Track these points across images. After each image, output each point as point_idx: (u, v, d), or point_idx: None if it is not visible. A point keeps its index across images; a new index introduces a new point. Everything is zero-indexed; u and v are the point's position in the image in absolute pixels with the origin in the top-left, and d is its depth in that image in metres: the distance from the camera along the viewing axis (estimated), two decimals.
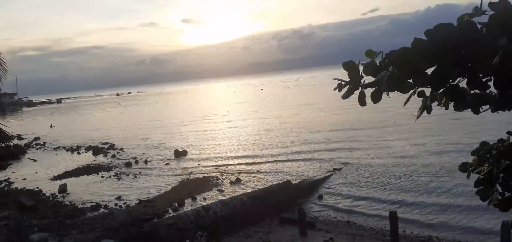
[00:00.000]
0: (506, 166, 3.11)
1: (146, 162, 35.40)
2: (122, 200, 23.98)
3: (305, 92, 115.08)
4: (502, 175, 3.15)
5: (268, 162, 30.95)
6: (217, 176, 27.89)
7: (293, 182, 22.29)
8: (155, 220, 17.96)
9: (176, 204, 21.87)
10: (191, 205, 21.57)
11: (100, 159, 39.09)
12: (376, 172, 25.02)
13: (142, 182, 28.68)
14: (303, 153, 32.46)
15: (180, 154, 36.99)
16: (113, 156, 39.98)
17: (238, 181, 26.31)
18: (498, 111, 3.54)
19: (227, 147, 39.33)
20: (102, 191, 26.68)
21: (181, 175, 29.48)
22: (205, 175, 28.56)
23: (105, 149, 43.64)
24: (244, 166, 30.27)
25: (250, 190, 22.14)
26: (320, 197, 21.62)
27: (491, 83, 1.95)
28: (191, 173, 29.68)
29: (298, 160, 30.51)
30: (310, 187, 22.80)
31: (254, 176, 27.34)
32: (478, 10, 2.14)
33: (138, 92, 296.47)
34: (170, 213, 20.07)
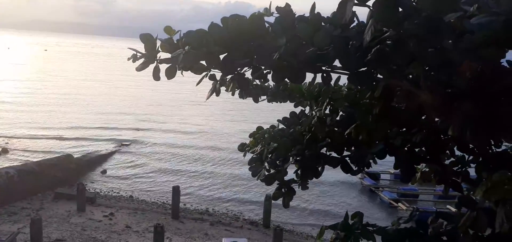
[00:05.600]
0: (274, 148, 3.64)
1: None
2: None
3: (99, 61, 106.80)
4: (270, 155, 3.67)
5: (47, 131, 27.58)
6: None
7: (75, 155, 20.58)
8: None
9: None
10: None
11: None
12: (164, 148, 25.56)
13: None
14: (89, 125, 30.22)
15: None
16: None
17: (4, 151, 22.55)
18: (273, 102, 4.12)
19: None
20: None
21: None
22: None
23: None
24: (14, 133, 26.13)
25: (20, 163, 19.28)
26: (104, 172, 20.71)
27: (270, 76, 2.22)
28: None
29: (83, 132, 28.26)
30: (94, 161, 21.55)
31: (28, 147, 23.93)
32: (267, 11, 2.42)
33: None
34: None
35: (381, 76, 2.03)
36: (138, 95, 46.36)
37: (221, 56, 2.04)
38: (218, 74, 2.35)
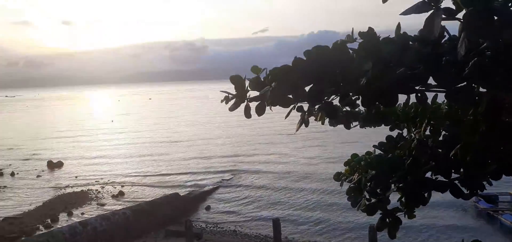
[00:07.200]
0: (372, 176, 3.48)
1: (13, 174, 31.45)
2: None
3: (196, 104, 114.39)
4: (369, 183, 3.51)
5: (155, 174, 30.00)
6: (97, 189, 26.07)
7: (181, 194, 21.95)
8: (22, 239, 16.04)
9: (49, 220, 19.84)
10: (67, 221, 19.77)
11: None
12: (262, 181, 26.03)
13: (7, 196, 25.37)
14: (192, 165, 32.22)
15: (54, 165, 33.69)
16: None
17: (121, 194, 24.95)
18: (365, 127, 3.96)
19: (109, 158, 37.02)
20: None
21: (55, 188, 26.86)
22: (84, 188, 26.47)
23: None
24: (128, 179, 28.84)
25: (134, 204, 21.14)
26: (208, 208, 21.67)
27: (359, 102, 2.16)
28: (67, 186, 27.24)
29: (186, 171, 30.18)
30: (198, 198, 22.72)
31: (139, 189, 26.22)
32: (350, 38, 2.39)
33: (6, 96, 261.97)
34: (42, 230, 18.13)
35: (484, 90, 1.85)
36: (233, 133, 48.24)
37: (307, 88, 2.05)
38: (306, 105, 2.35)
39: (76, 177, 29.78)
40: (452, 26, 1.69)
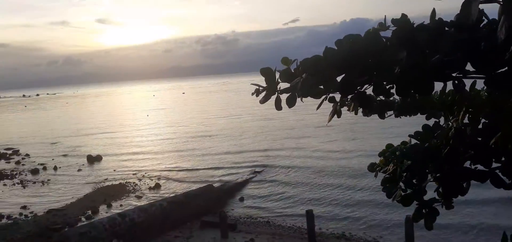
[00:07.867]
0: (408, 166, 3.40)
1: (55, 168, 32.91)
2: (28, 209, 22.07)
3: (227, 97, 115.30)
4: (404, 174, 3.43)
5: (190, 166, 30.53)
6: (134, 182, 26.84)
7: (215, 185, 22.24)
8: (66, 230, 16.79)
9: (89, 212, 20.65)
10: (106, 212, 20.50)
11: (2, 165, 35.46)
12: (295, 173, 25.95)
13: (51, 189, 26.61)
14: (225, 157, 32.55)
15: (94, 159, 34.95)
16: (18, 162, 36.58)
17: (157, 186, 25.58)
18: (401, 116, 3.87)
19: (146, 152, 38.02)
20: (5, 201, 24.25)
21: (95, 181, 27.87)
22: (122, 181, 27.33)
23: (8, 155, 39.72)
24: (164, 172, 29.52)
25: (170, 195, 21.64)
26: (242, 199, 21.87)
27: (394, 91, 2.11)
28: (106, 179, 28.20)
29: (220, 163, 30.52)
30: (232, 190, 22.95)
31: (175, 181, 26.78)
32: (382, 25, 2.33)
33: (47, 94, 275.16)
34: (83, 222, 18.91)
35: None
36: (265, 126, 48.28)
37: (339, 78, 2.02)
38: (338, 96, 2.32)
39: (114, 170, 30.79)
40: (491, 9, 1.62)
